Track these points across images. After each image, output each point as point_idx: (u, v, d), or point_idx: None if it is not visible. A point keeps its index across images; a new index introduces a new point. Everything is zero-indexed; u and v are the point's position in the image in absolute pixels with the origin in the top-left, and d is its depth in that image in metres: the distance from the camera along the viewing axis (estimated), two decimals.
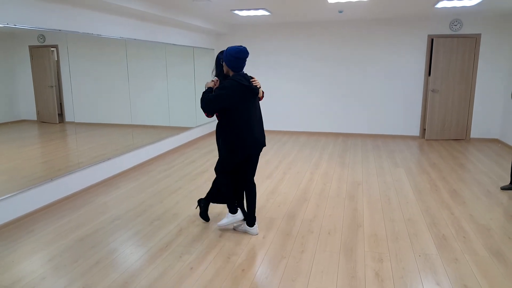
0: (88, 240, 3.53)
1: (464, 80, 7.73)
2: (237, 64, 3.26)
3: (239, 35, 8.84)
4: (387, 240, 3.46)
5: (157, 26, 6.44)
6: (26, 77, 4.08)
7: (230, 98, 3.20)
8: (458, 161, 6.20)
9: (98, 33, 5.03)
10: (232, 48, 3.23)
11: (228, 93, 3.19)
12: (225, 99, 3.20)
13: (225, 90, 3.20)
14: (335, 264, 3.07)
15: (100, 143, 5.21)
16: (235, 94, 3.21)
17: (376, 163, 6.13)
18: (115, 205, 4.41)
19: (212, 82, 3.41)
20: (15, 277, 2.92)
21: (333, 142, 7.80)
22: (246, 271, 2.96)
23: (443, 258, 3.13)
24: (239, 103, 3.24)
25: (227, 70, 3.36)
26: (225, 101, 3.20)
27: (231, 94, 3.19)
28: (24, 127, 4.11)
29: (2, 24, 3.71)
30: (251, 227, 3.63)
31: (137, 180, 5.37)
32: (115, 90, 5.49)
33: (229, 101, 3.21)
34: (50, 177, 4.38)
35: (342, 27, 8.19)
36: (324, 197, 4.59)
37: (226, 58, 3.27)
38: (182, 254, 3.24)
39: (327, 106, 8.61)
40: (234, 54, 3.21)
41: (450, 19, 7.58)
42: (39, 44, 4.18)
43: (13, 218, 3.93)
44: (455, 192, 4.74)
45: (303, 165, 6.05)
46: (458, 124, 7.91)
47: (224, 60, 3.31)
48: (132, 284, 2.81)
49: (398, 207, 4.27)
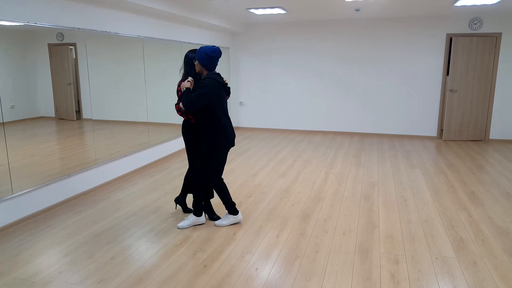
0: (104, 236, 3.57)
1: (483, 80, 7.58)
2: (211, 63, 3.46)
3: (254, 33, 8.83)
4: (403, 242, 3.41)
5: (174, 24, 6.47)
6: (45, 75, 4.15)
7: (213, 96, 3.40)
8: (476, 162, 6.09)
9: (115, 32, 5.07)
10: (206, 48, 3.41)
11: (210, 90, 3.37)
12: (208, 97, 3.38)
13: (207, 88, 3.36)
14: (350, 264, 3.04)
15: (116, 140, 5.26)
16: (216, 91, 3.42)
17: (392, 163, 6.05)
18: (131, 202, 4.45)
19: (189, 82, 3.48)
20: (33, 271, 2.97)
21: (348, 142, 7.74)
22: (260, 270, 2.96)
23: (460, 261, 3.08)
24: (220, 99, 3.47)
25: (200, 69, 3.52)
26: (208, 99, 3.38)
27: (213, 91, 3.39)
28: (42, 123, 4.17)
29: (23, 22, 3.78)
30: (238, 214, 3.79)
31: (153, 177, 5.41)
32: (132, 87, 5.54)
33: (212, 98, 3.40)
34: (67, 173, 4.44)
35: (358, 25, 8.11)
36: (339, 197, 4.56)
37: (200, 57, 3.43)
38: (196, 252, 3.26)
39: (342, 105, 8.54)
40: (209, 53, 3.40)
41: (470, 18, 7.44)
42: (58, 42, 4.25)
43: (31, 213, 4.00)
44: (473, 194, 4.65)
45: (318, 165, 6.01)
46: (476, 124, 7.76)
47: (197, 59, 3.46)
48: (147, 280, 2.83)
49: (415, 208, 4.20)
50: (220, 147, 3.52)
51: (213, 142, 3.49)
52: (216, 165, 3.60)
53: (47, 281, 2.82)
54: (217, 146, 3.51)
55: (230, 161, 6.29)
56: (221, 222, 3.76)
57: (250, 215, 4.03)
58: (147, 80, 5.86)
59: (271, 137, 8.31)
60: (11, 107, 3.77)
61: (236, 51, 9.09)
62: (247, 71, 9.10)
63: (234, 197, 4.60)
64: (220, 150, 3.54)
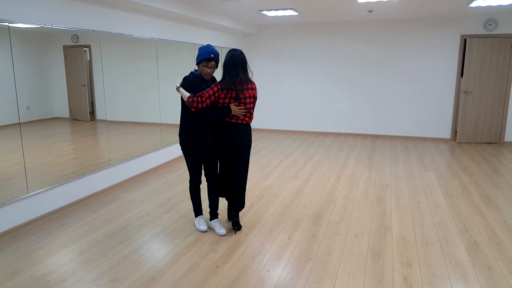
0: (117, 236, 3.60)
1: (499, 81, 7.47)
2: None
3: (266, 35, 8.84)
4: (416, 245, 3.38)
5: (187, 26, 6.52)
6: (60, 76, 4.21)
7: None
8: (491, 165, 6.00)
9: (129, 33, 5.13)
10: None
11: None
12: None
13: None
14: (362, 267, 3.02)
15: (129, 141, 5.31)
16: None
17: (405, 166, 6.00)
18: (144, 202, 4.48)
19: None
20: (47, 269, 3.01)
21: (360, 143, 7.69)
22: (271, 272, 2.96)
23: (475, 265, 3.03)
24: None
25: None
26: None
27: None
28: (57, 124, 4.23)
29: (40, 24, 3.84)
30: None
31: (165, 177, 5.45)
32: (145, 89, 5.59)
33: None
34: (81, 173, 4.50)
35: (370, 26, 8.06)
36: (351, 199, 4.53)
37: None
38: (207, 252, 3.27)
39: (355, 106, 8.50)
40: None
41: (485, 19, 7.34)
42: (72, 44, 4.30)
43: (46, 212, 4.06)
44: (488, 197, 4.58)
45: (330, 166, 5.99)
46: (491, 127, 7.65)
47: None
48: (160, 279, 2.85)
49: (428, 211, 4.16)
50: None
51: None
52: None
53: (61, 279, 2.86)
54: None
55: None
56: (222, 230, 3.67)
57: (261, 217, 4.03)
58: (160, 82, 5.91)
59: (282, 138, 8.30)
60: (26, 108, 3.83)
61: (248, 52, 9.10)
62: (259, 72, 9.11)
63: (245, 198, 4.60)
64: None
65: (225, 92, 3.29)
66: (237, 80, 3.32)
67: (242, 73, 3.35)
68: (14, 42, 3.62)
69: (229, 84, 3.29)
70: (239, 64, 3.33)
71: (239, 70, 3.34)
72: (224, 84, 3.29)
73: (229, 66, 3.33)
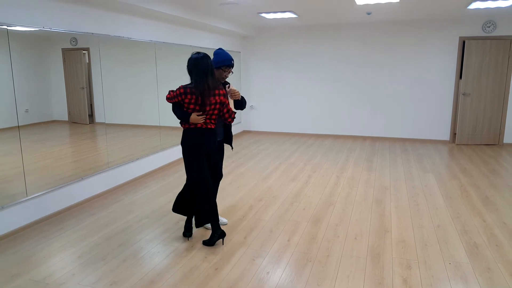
0: (116, 238, 3.59)
1: (497, 83, 7.48)
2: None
3: (265, 37, 8.86)
4: (416, 247, 3.38)
5: (186, 29, 6.52)
6: (59, 79, 4.21)
7: None
8: (490, 167, 6.00)
9: (128, 36, 5.13)
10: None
11: None
12: None
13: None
14: (362, 269, 3.02)
15: (128, 143, 5.31)
16: None
17: (404, 168, 6.00)
18: (143, 204, 4.48)
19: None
20: (46, 272, 3.01)
21: (360, 146, 7.69)
22: (270, 274, 2.95)
23: (474, 267, 3.03)
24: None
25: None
26: None
27: None
28: (55, 127, 4.23)
29: (38, 27, 3.84)
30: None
31: (164, 180, 5.45)
32: (144, 92, 5.59)
33: None
34: (80, 176, 4.49)
35: (369, 29, 8.08)
36: (350, 201, 4.53)
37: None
38: (207, 255, 3.26)
39: (354, 109, 8.51)
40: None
41: (483, 21, 7.36)
42: (71, 47, 4.31)
43: (45, 215, 4.05)
44: (487, 198, 4.58)
45: (329, 169, 5.99)
46: (490, 128, 7.66)
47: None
48: (159, 282, 2.84)
49: (427, 213, 4.16)
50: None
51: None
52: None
53: (61, 282, 2.85)
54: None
55: (240, 164, 6.30)
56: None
57: (260, 219, 4.03)
58: (159, 84, 5.91)
59: (281, 140, 8.31)
60: (25, 111, 3.83)
61: (247, 55, 9.12)
62: (258, 74, 9.12)
63: (244, 200, 4.60)
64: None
65: (189, 97, 3.13)
66: (206, 87, 3.16)
67: (211, 80, 3.20)
68: (13, 45, 3.62)
69: (197, 91, 3.13)
70: (208, 70, 3.17)
71: (208, 76, 3.17)
72: (189, 88, 3.14)
73: (196, 71, 3.16)
